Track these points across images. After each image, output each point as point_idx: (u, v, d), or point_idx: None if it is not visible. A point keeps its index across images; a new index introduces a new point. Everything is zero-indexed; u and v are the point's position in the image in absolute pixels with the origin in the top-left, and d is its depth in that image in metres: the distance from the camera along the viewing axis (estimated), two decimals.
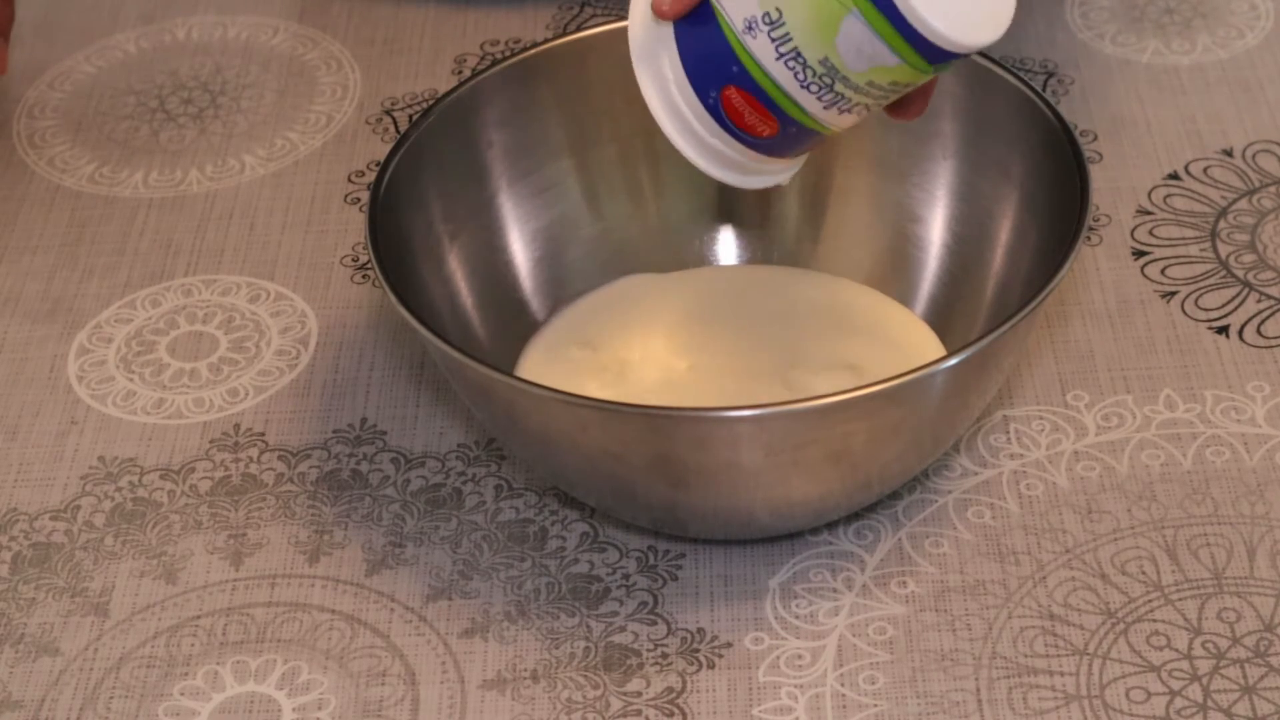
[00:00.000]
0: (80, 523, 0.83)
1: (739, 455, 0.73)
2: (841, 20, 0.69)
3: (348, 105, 1.04)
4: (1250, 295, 0.89)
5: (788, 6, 0.70)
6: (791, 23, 0.70)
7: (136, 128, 1.04)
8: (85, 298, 0.94)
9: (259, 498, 0.83)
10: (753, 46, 0.71)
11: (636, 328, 0.87)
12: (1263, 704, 0.73)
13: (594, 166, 0.88)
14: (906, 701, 0.74)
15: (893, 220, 0.87)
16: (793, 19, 0.70)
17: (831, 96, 0.72)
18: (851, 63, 0.70)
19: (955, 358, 0.72)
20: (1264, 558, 0.78)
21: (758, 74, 0.72)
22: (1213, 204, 0.94)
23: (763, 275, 0.89)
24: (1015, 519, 0.80)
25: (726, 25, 0.71)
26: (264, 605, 0.79)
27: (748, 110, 0.73)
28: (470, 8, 1.09)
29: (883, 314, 0.86)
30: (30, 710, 0.76)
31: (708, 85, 0.73)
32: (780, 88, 0.72)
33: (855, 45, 0.70)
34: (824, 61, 0.70)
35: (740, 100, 0.73)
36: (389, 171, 0.81)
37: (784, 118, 0.73)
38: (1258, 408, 0.84)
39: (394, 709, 0.75)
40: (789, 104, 0.72)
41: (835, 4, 0.69)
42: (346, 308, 0.92)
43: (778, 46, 0.71)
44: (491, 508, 0.82)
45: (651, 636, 0.77)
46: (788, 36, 0.70)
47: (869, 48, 0.70)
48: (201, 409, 0.87)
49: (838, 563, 0.79)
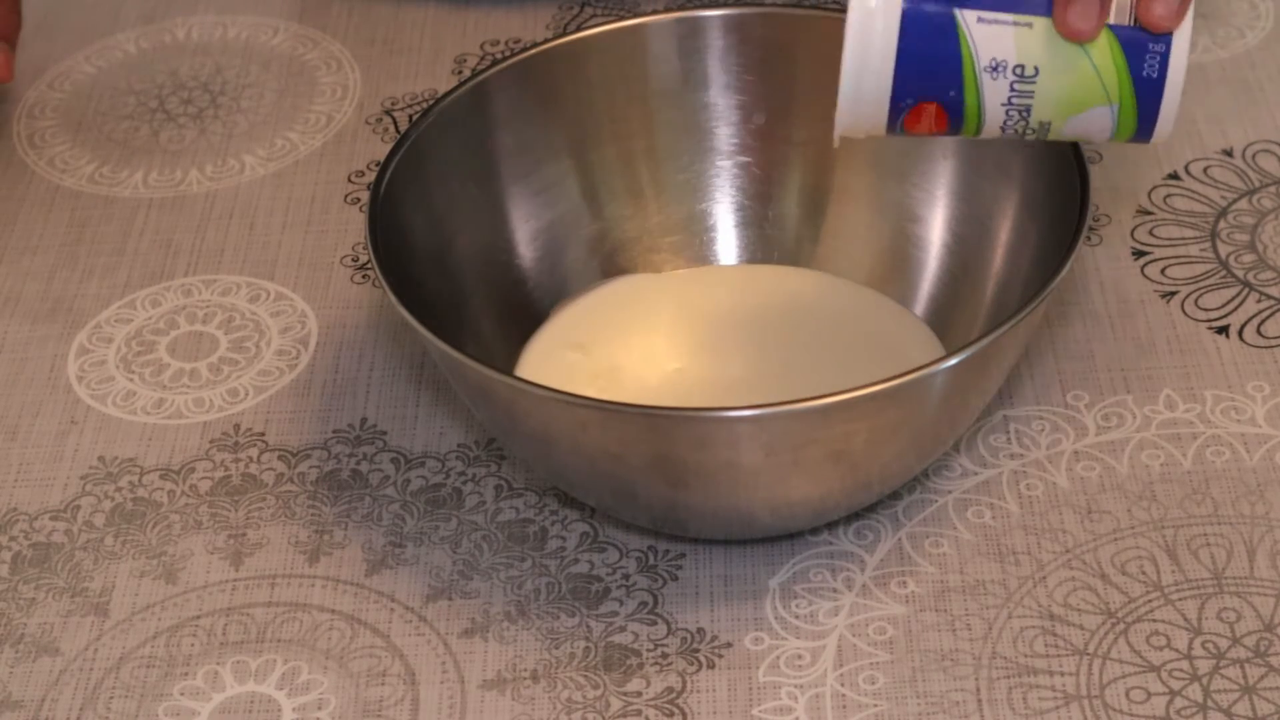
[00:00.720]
0: (80, 523, 0.83)
1: (739, 455, 0.73)
2: (1094, 106, 0.69)
3: (348, 105, 1.04)
4: (1250, 295, 0.89)
5: (1048, 72, 0.69)
6: (1042, 87, 0.70)
7: (136, 128, 1.04)
8: (85, 298, 0.94)
9: (259, 498, 0.83)
10: (986, 86, 0.70)
11: (634, 329, 0.87)
12: (1263, 704, 0.73)
13: (594, 166, 0.88)
14: (906, 701, 0.74)
15: (893, 220, 0.87)
16: (1045, 85, 0.70)
17: (1014, 134, 0.71)
18: (1067, 131, 0.70)
19: (955, 358, 0.72)
20: (1264, 558, 0.78)
21: (971, 106, 0.71)
22: (1213, 204, 0.94)
23: (762, 275, 0.89)
24: (1015, 519, 0.80)
25: (968, 51, 0.70)
26: (264, 605, 0.79)
27: (930, 120, 0.72)
28: (470, 8, 1.09)
29: (882, 314, 0.86)
30: (30, 710, 0.76)
31: (911, 92, 0.71)
32: (981, 121, 0.71)
33: (1087, 124, 0.70)
34: (1044, 123, 0.70)
35: (932, 113, 0.71)
36: (389, 171, 0.81)
37: (955, 133, 0.72)
38: (1258, 408, 0.84)
39: (394, 709, 0.75)
40: (971, 128, 0.71)
41: (1100, 93, 0.69)
42: (346, 308, 0.92)
43: (1012, 97, 0.70)
44: (491, 508, 0.82)
45: (651, 636, 0.77)
46: (1029, 94, 0.70)
47: (1097, 129, 0.70)
48: (201, 409, 0.87)
49: (838, 563, 0.79)
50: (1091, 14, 0.68)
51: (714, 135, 0.89)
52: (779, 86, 0.88)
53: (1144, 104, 0.69)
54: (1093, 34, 0.68)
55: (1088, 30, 0.68)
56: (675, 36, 0.87)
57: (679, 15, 0.87)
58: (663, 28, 0.87)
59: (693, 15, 0.87)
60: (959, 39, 0.70)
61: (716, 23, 0.87)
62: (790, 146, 0.88)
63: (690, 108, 0.88)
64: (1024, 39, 0.69)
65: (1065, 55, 0.69)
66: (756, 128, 0.88)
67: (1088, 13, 0.68)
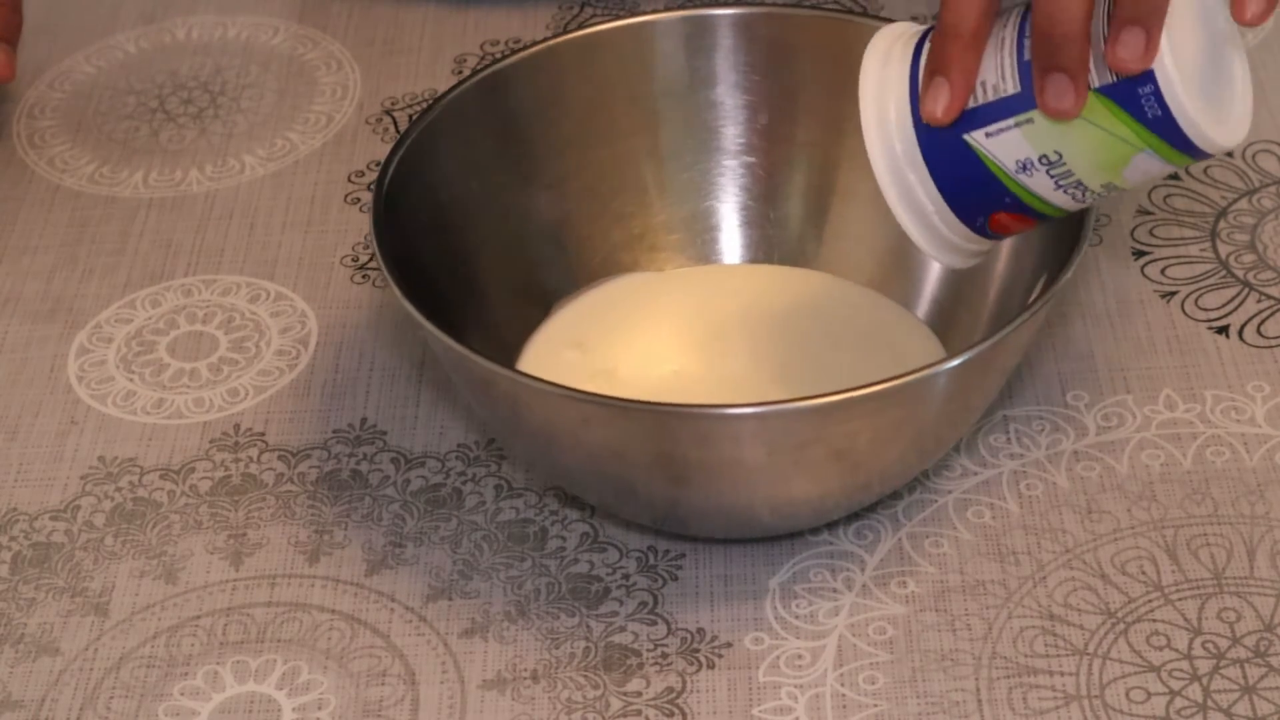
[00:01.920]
0: (80, 523, 0.83)
1: (741, 453, 0.73)
2: (1133, 157, 0.70)
3: (348, 105, 1.04)
4: (1250, 295, 0.89)
5: (1069, 150, 0.70)
6: (1074, 163, 0.71)
7: (136, 128, 1.04)
8: (85, 298, 0.94)
9: (259, 498, 0.83)
10: (1029, 183, 0.72)
11: (635, 327, 0.87)
12: (1263, 704, 0.73)
13: (598, 164, 0.88)
14: (906, 701, 0.74)
15: (895, 222, 0.87)
16: (1075, 161, 0.71)
17: (1096, 200, 0.73)
18: (1133, 180, 0.71)
19: (958, 359, 0.72)
20: (1264, 558, 0.78)
21: (1034, 202, 0.72)
22: (1213, 204, 0.94)
23: (765, 275, 0.89)
24: (1015, 519, 0.80)
25: (994, 166, 0.72)
26: (264, 605, 0.79)
27: (1014, 224, 0.74)
28: (470, 8, 1.09)
29: (884, 315, 0.86)
30: (30, 710, 0.76)
31: (975, 213, 0.73)
32: (1054, 206, 0.73)
33: (1143, 171, 0.71)
34: (1107, 185, 0.72)
35: (1009, 219, 0.73)
36: (391, 169, 0.81)
37: (1044, 219, 0.74)
38: (1258, 408, 0.84)
39: (394, 709, 0.75)
40: (1055, 212, 0.73)
41: (1125, 147, 0.70)
42: (346, 308, 0.92)
43: (1057, 181, 0.71)
44: (491, 508, 0.82)
45: (651, 636, 0.77)
46: (1069, 173, 0.71)
47: (1155, 169, 0.71)
48: (201, 409, 0.87)
49: (838, 563, 0.79)
50: (1066, 92, 0.69)
51: (719, 134, 0.89)
52: (785, 86, 0.88)
53: (1170, 138, 0.69)
54: (1074, 111, 0.69)
55: (1069, 109, 0.69)
56: (682, 35, 0.87)
57: (686, 14, 0.87)
58: (670, 26, 0.87)
59: (700, 14, 0.87)
60: (980, 159, 0.72)
61: (724, 21, 0.87)
62: (795, 147, 0.88)
63: (696, 106, 0.88)
64: (1031, 134, 0.71)
65: (1076, 132, 0.70)
66: (762, 127, 0.88)
67: (1063, 93, 0.69)
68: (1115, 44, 0.68)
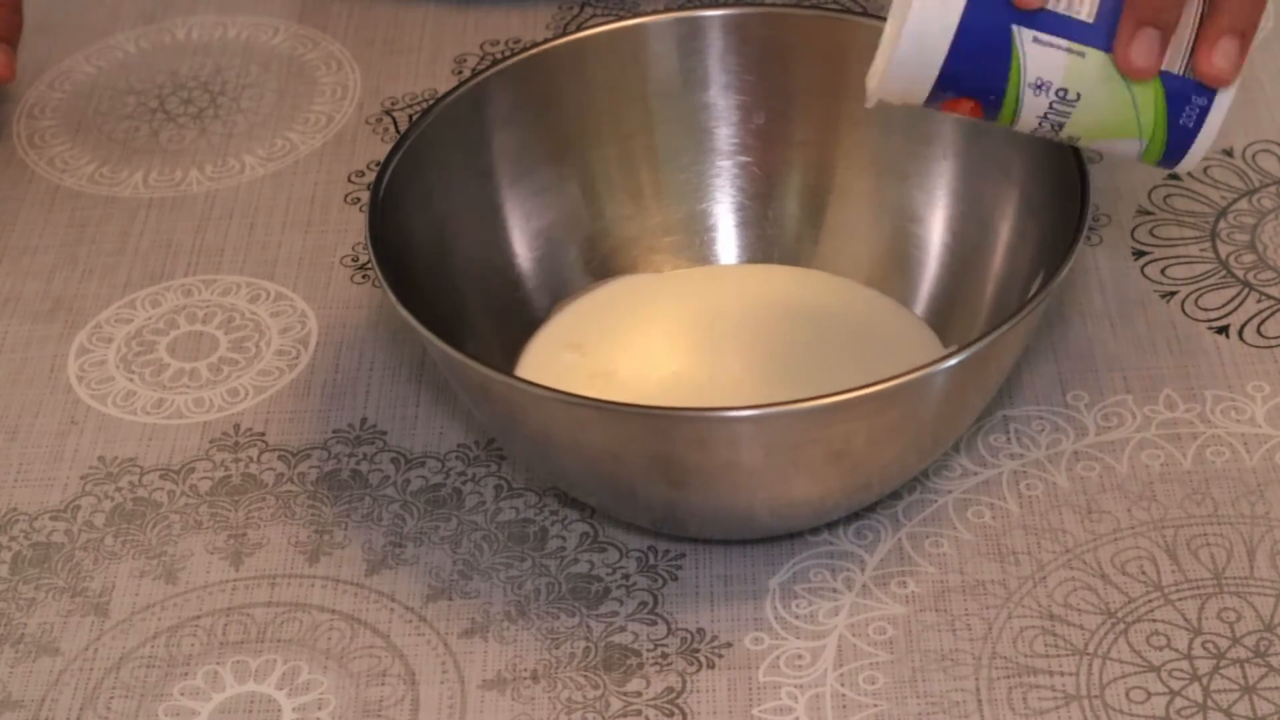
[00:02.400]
0: (80, 523, 0.83)
1: (739, 455, 0.73)
2: (1124, 137, 0.70)
3: (348, 105, 1.04)
4: (1250, 295, 0.89)
5: (1090, 100, 0.69)
6: (1080, 111, 0.70)
7: (136, 128, 1.04)
8: (85, 298, 0.94)
9: (259, 498, 0.83)
10: (1027, 99, 0.70)
11: (633, 329, 0.87)
12: (1263, 704, 0.73)
13: (594, 166, 0.88)
14: (906, 701, 0.74)
15: (892, 220, 0.87)
16: (1083, 111, 0.70)
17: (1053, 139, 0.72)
18: (1094, 147, 0.71)
19: (955, 358, 0.72)
20: (1264, 558, 0.78)
21: (1008, 112, 0.71)
22: (1213, 204, 0.94)
23: (762, 275, 0.89)
24: (1015, 519, 0.80)
25: (1017, 66, 0.70)
26: (264, 605, 0.79)
27: (966, 110, 0.72)
28: (470, 8, 1.09)
29: (882, 314, 0.86)
30: (30, 710, 0.76)
31: (955, 87, 0.71)
32: (1014, 122, 0.72)
33: (1113, 146, 0.70)
34: (1073, 138, 0.71)
35: (969, 107, 0.72)
36: (389, 171, 0.81)
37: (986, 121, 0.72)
38: (1258, 408, 0.84)
39: (394, 709, 0.75)
40: (1002, 124, 0.72)
41: (1133, 128, 0.69)
42: (346, 308, 0.92)
43: (1048, 114, 0.70)
44: (491, 508, 0.82)
45: (651, 636, 0.77)
46: (1067, 115, 0.70)
47: (1122, 149, 0.70)
48: (201, 409, 0.87)
49: (838, 563, 0.79)
50: (1154, 53, 0.67)
51: (714, 135, 0.89)
52: (779, 86, 0.88)
53: (1173, 146, 0.69)
54: (1152, 73, 0.67)
55: (1148, 69, 0.67)
56: (675, 36, 0.87)
57: (679, 15, 0.87)
58: (663, 28, 0.87)
59: (693, 15, 0.87)
60: (1011, 54, 0.70)
61: (717, 22, 0.87)
62: (790, 146, 0.88)
63: (690, 107, 0.88)
64: (1075, 66, 0.70)
65: (1111, 89, 0.69)
66: (756, 127, 0.88)
67: (1150, 51, 0.67)
68: (1212, 49, 0.66)
